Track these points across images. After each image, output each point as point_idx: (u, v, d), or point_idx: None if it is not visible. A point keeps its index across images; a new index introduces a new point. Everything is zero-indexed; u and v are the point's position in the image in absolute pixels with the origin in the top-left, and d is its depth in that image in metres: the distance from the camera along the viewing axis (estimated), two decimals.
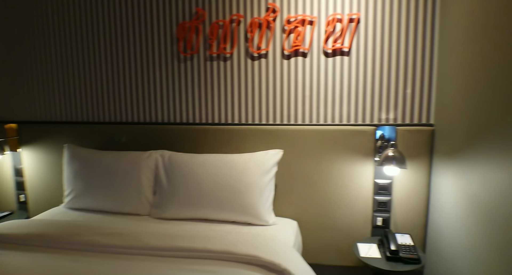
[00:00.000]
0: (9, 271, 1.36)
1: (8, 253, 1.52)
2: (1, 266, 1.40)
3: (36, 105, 2.40)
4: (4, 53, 2.39)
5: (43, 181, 2.42)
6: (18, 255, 1.50)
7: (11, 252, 1.53)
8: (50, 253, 1.51)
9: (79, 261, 1.43)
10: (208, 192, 1.85)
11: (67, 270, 1.36)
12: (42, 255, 1.49)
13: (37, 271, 1.36)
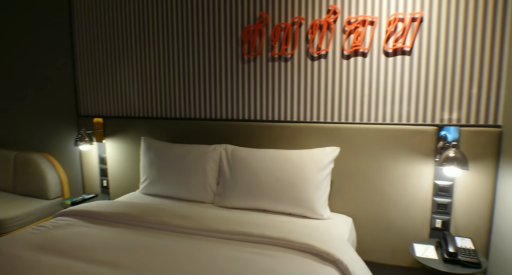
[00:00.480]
0: (97, 240, 1.62)
1: (96, 226, 1.79)
2: (91, 237, 1.66)
3: (118, 103, 2.73)
4: (92, 58, 2.75)
5: (122, 169, 2.74)
6: (105, 229, 1.76)
7: (98, 226, 1.80)
8: (130, 229, 1.75)
9: (153, 237, 1.64)
10: (266, 185, 1.97)
11: (143, 243, 1.58)
12: (123, 230, 1.73)
13: (119, 242, 1.59)
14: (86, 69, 2.80)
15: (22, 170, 3.08)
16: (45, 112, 3.06)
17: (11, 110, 3.25)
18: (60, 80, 2.94)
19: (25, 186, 3.06)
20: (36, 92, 3.07)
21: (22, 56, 3.07)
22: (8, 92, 3.24)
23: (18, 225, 2.66)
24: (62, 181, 3.04)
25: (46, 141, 3.11)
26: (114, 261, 1.41)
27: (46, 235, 1.70)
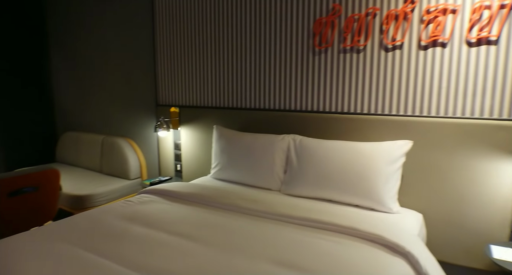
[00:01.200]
0: (176, 216, 1.79)
1: (175, 204, 1.98)
2: (171, 212, 1.84)
3: (193, 94, 2.92)
4: (170, 53, 2.97)
5: (194, 154, 2.95)
6: (182, 206, 1.93)
7: (177, 203, 1.98)
8: (205, 208, 1.90)
9: (226, 217, 1.77)
10: (334, 175, 2.00)
11: (217, 221, 1.71)
12: (199, 209, 1.89)
13: (196, 219, 1.75)
14: (165, 63, 3.04)
15: (107, 152, 3.45)
16: (128, 102, 3.39)
17: (100, 101, 3.65)
18: (142, 74, 3.23)
19: (109, 167, 3.43)
20: (121, 85, 3.41)
21: (109, 53, 3.43)
22: (97, 86, 3.64)
23: (104, 200, 3.00)
24: (141, 164, 3.35)
25: (128, 127, 3.45)
26: (193, 235, 1.56)
27: (133, 209, 1.92)
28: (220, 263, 1.32)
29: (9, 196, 2.10)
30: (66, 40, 3.88)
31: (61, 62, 4.01)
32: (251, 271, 1.26)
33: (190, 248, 1.44)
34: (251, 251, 1.41)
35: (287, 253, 1.39)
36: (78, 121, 3.98)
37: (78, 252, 1.42)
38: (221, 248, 1.44)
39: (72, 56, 3.86)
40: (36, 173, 2.17)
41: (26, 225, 2.29)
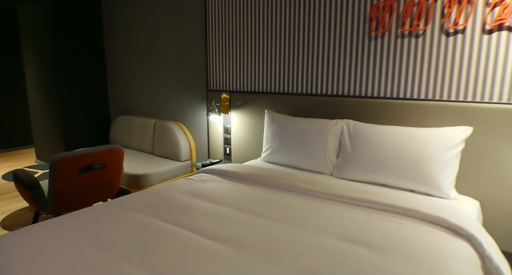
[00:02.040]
0: (237, 194, 1.89)
1: (233, 183, 2.08)
2: (231, 190, 1.95)
3: (243, 79, 3.00)
4: (221, 40, 3.05)
5: (243, 138, 3.04)
6: (240, 185, 2.03)
7: (235, 183, 2.09)
8: (262, 187, 1.99)
9: (284, 196, 1.85)
10: (389, 160, 2.01)
11: (276, 200, 1.79)
12: (256, 188, 1.98)
13: (256, 197, 1.84)
14: (216, 49, 3.13)
15: (159, 135, 3.63)
16: (179, 88, 3.54)
17: (152, 86, 3.83)
18: (193, 60, 3.35)
19: (161, 149, 3.62)
20: (173, 71, 3.56)
21: (162, 39, 3.57)
22: (149, 72, 3.81)
23: (158, 180, 3.18)
24: (191, 147, 3.50)
25: (179, 111, 3.60)
26: (257, 211, 1.65)
27: (195, 186, 2.05)
28: (287, 236, 1.40)
29: (80, 171, 2.29)
30: (119, 26, 4.08)
31: (115, 48, 4.22)
32: (318, 244, 1.33)
33: (257, 222, 1.53)
34: (315, 227, 1.48)
35: (351, 230, 1.45)
36: (131, 106, 4.20)
37: (152, 220, 1.56)
38: (286, 223, 1.52)
39: (126, 42, 4.05)
40: (104, 151, 2.35)
41: (93, 199, 2.50)
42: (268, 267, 1.18)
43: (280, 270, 1.16)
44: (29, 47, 4.44)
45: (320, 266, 1.19)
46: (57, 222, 1.55)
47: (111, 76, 4.41)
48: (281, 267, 1.18)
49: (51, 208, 2.30)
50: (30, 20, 4.29)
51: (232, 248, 1.30)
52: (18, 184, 2.35)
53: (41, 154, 4.76)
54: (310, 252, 1.28)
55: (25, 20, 4.40)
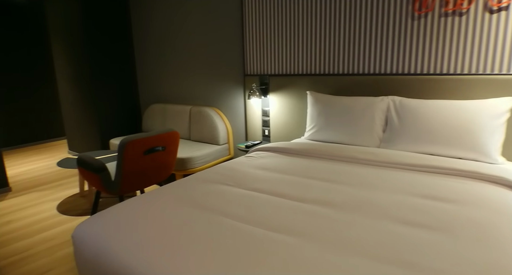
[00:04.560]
0: (300, 166, 2.04)
1: (292, 158, 2.24)
2: (293, 163, 2.11)
3: (281, 62, 3.13)
4: (258, 24, 3.17)
5: (282, 120, 3.20)
6: (300, 159, 2.19)
7: (293, 157, 2.25)
8: (323, 160, 2.15)
9: (348, 166, 2.01)
10: (437, 131, 2.17)
11: (342, 169, 1.95)
12: (317, 161, 2.14)
13: (320, 168, 2.00)
14: (253, 33, 3.25)
15: (196, 120, 3.78)
16: (214, 74, 3.67)
17: (186, 74, 3.95)
18: (229, 46, 3.47)
19: (198, 134, 3.77)
20: (207, 58, 3.68)
21: (196, 25, 3.68)
22: (182, 60, 3.93)
23: (201, 162, 3.34)
24: (228, 130, 3.66)
25: (214, 97, 3.74)
26: (330, 178, 1.82)
27: (258, 161, 2.21)
28: (367, 197, 1.57)
29: (144, 153, 2.45)
30: (149, 13, 4.18)
31: (145, 37, 4.33)
32: (400, 201, 1.50)
33: (335, 188, 1.69)
34: (390, 189, 1.65)
35: (425, 190, 1.61)
36: (163, 94, 4.33)
37: (236, 190, 1.72)
38: (362, 188, 1.68)
39: (157, 31, 4.16)
40: (164, 134, 2.51)
41: (152, 180, 2.67)
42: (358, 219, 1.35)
43: (369, 222, 1.33)
44: (58, 40, 4.55)
45: (411, 217, 1.36)
46: (155, 193, 1.72)
47: (140, 67, 4.53)
48: (371, 217, 1.35)
49: (118, 189, 2.46)
50: (59, 12, 4.38)
51: (320, 206, 1.47)
52: (86, 169, 2.51)
53: (73, 145, 4.92)
54: (395, 206, 1.45)
55: (53, 13, 4.50)
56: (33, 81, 5.63)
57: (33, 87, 5.63)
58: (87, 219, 1.55)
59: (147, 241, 1.28)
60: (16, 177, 4.09)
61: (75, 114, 4.65)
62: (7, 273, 2.15)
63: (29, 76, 5.56)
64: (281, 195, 1.62)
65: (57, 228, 2.75)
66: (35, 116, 5.70)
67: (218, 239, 1.24)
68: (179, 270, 1.09)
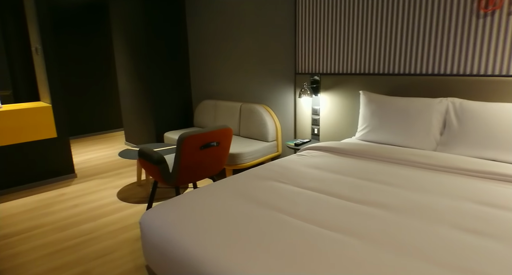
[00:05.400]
0: (353, 166, 2.05)
1: (344, 158, 2.25)
2: (346, 164, 2.12)
3: (335, 61, 3.13)
4: (311, 23, 3.18)
5: (332, 119, 3.19)
6: (354, 160, 2.20)
7: (345, 157, 2.25)
8: (377, 162, 2.14)
9: (404, 169, 1.99)
10: (500, 135, 2.07)
11: (398, 172, 1.94)
12: (372, 162, 2.14)
13: (375, 169, 1.99)
14: (306, 32, 3.27)
15: (246, 117, 3.88)
16: (265, 72, 3.74)
17: (237, 72, 4.06)
18: (280, 44, 3.52)
19: (248, 130, 3.87)
20: (258, 57, 3.76)
21: (247, 23, 3.77)
22: (234, 58, 4.04)
23: (250, 158, 3.44)
24: (277, 128, 3.72)
25: (264, 95, 3.81)
26: (384, 180, 1.81)
27: (310, 160, 2.24)
28: (424, 201, 1.55)
29: (200, 148, 2.58)
30: (203, 12, 4.34)
31: (199, 36, 4.50)
32: (458, 207, 1.47)
33: (392, 191, 1.69)
34: (448, 194, 1.62)
35: (485, 197, 1.57)
36: (214, 91, 4.48)
37: (291, 188, 1.77)
38: (419, 192, 1.67)
39: (209, 29, 4.31)
40: (219, 130, 2.62)
41: (205, 174, 2.80)
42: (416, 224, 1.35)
43: (426, 226, 1.32)
44: (119, 36, 4.86)
45: (469, 224, 1.33)
46: (214, 187, 1.82)
47: (193, 64, 4.72)
48: (428, 222, 1.34)
49: (175, 180, 2.62)
50: (121, 10, 4.68)
51: (377, 208, 1.48)
52: (146, 160, 2.69)
53: (130, 136, 5.25)
54: (453, 211, 1.42)
55: (116, 10, 4.81)
56: (97, 77, 6.06)
57: (96, 82, 6.07)
58: (154, 207, 1.69)
59: (211, 232, 1.37)
60: (80, 164, 4.46)
61: (132, 108, 4.96)
62: (77, 251, 2.39)
63: (93, 72, 6.01)
64: (338, 196, 1.65)
65: (118, 213, 2.98)
66: (96, 109, 6.16)
67: (279, 234, 1.31)
68: (243, 262, 1.17)
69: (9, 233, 2.69)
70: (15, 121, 3.44)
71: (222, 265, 1.17)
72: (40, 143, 3.65)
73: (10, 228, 2.77)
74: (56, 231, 2.70)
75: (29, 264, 2.26)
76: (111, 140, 5.88)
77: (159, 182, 2.76)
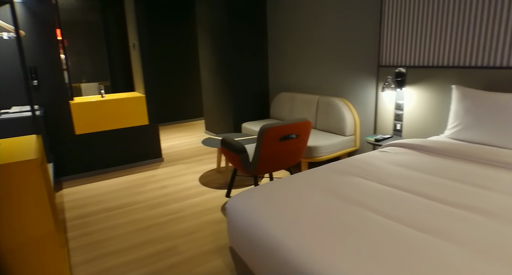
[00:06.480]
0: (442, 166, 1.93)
1: (432, 157, 2.13)
2: (436, 163, 2.00)
3: (423, 52, 2.93)
4: (398, 13, 3.01)
5: (418, 115, 3.01)
6: (444, 160, 2.07)
7: (434, 157, 2.13)
8: (467, 162, 1.98)
9: (500, 172, 1.82)
10: None
11: (487, 174, 1.78)
12: (459, 162, 1.99)
13: (467, 170, 1.85)
14: (392, 21, 3.11)
15: (323, 110, 3.85)
16: (346, 64, 3.65)
17: (315, 65, 4.04)
18: (362, 36, 3.40)
19: (324, 124, 3.84)
20: (337, 49, 3.68)
21: (327, 14, 3.70)
22: (312, 51, 4.02)
23: (327, 152, 3.42)
24: (355, 122, 3.63)
25: (344, 87, 3.74)
26: (479, 183, 1.68)
27: (394, 157, 2.16)
28: None
29: (280, 140, 2.65)
30: (285, 4, 4.37)
31: (277, 30, 4.56)
32: None
33: (489, 196, 1.56)
34: None
35: None
36: (291, 83, 4.52)
37: (375, 185, 1.74)
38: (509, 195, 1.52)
39: (288, 23, 4.33)
40: (299, 123, 2.66)
41: (282, 165, 2.86)
42: None
43: None
44: (203, 31, 5.14)
45: None
46: (295, 179, 1.88)
47: (272, 57, 4.80)
48: None
49: (254, 169, 2.73)
50: (206, 6, 4.94)
51: (472, 213, 1.39)
52: (228, 149, 2.85)
53: (209, 125, 5.56)
54: None
55: (201, 7, 5.08)
56: (182, 70, 6.51)
57: (181, 75, 6.53)
58: (240, 193, 1.80)
59: (297, 222, 1.42)
60: (166, 150, 4.87)
61: (213, 100, 5.23)
62: (166, 228, 2.64)
63: (179, 66, 6.46)
64: (427, 196, 1.58)
65: (200, 197, 3.21)
66: (180, 99, 6.63)
67: (365, 230, 1.31)
68: (328, 254, 1.20)
69: (110, 207, 3.07)
70: (115, 109, 3.88)
71: (309, 255, 1.21)
72: (135, 129, 4.06)
73: (110, 202, 3.16)
74: (148, 208, 3.01)
75: (126, 236, 2.57)
76: (192, 128, 6.29)
77: (239, 170, 2.90)
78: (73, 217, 2.90)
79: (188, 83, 6.67)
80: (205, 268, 2.11)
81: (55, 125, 3.59)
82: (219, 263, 2.15)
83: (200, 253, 2.28)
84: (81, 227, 2.72)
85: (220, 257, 2.22)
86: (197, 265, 2.15)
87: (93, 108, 3.76)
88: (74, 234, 2.62)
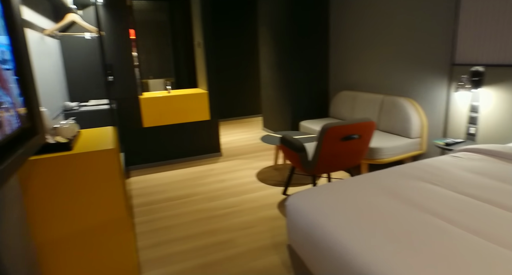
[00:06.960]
0: None
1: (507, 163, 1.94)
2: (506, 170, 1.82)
3: (505, 49, 2.66)
4: (479, 4, 2.75)
5: (497, 118, 2.75)
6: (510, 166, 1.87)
7: None
8: None
9: None
10: None
11: None
12: None
13: None
14: (470, 16, 2.86)
15: (387, 110, 3.68)
16: (414, 62, 3.45)
17: (379, 63, 3.86)
18: (433, 31, 3.17)
19: (388, 124, 3.67)
20: (404, 46, 3.48)
21: (396, 10, 3.51)
22: (376, 49, 3.85)
23: (390, 154, 3.26)
24: (423, 124, 3.41)
25: (411, 87, 3.53)
26: None
27: (468, 163, 2.01)
28: None
29: (341, 139, 2.58)
30: (345, 4, 4.24)
31: (339, 28, 4.44)
32: None
33: None
34: None
35: None
36: (353, 82, 4.38)
37: (446, 192, 1.62)
38: None
39: (354, 17, 4.19)
40: (362, 123, 2.57)
41: (342, 165, 2.79)
42: None
43: None
44: (264, 29, 5.18)
45: None
46: (358, 180, 1.82)
47: (333, 54, 4.69)
48: None
49: (313, 168, 2.70)
50: (268, 4, 4.96)
51: None
52: (287, 147, 2.85)
53: (267, 122, 5.60)
54: None
55: (263, 5, 5.13)
56: (242, 68, 6.65)
57: (241, 73, 6.67)
58: (300, 191, 1.79)
59: (361, 225, 1.38)
60: (225, 145, 5.01)
61: (271, 97, 5.26)
62: (223, 221, 2.72)
63: (239, 64, 6.60)
64: (509, 209, 1.45)
65: (257, 192, 3.26)
66: (240, 96, 6.78)
67: (443, 245, 1.22)
68: (401, 267, 1.14)
69: (172, 196, 3.24)
70: (180, 104, 4.08)
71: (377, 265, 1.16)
72: (197, 123, 4.24)
73: (173, 192, 3.34)
74: (207, 200, 3.12)
75: (187, 225, 2.69)
76: (250, 124, 6.40)
77: (297, 168, 2.89)
78: (140, 204, 3.11)
79: (247, 80, 6.78)
80: (261, 263, 2.14)
81: (126, 118, 3.87)
82: (275, 260, 2.17)
83: (256, 248, 2.31)
84: (146, 213, 2.91)
85: (277, 253, 2.24)
86: (254, 259, 2.19)
87: (160, 103, 3.98)
88: (140, 219, 2.81)
